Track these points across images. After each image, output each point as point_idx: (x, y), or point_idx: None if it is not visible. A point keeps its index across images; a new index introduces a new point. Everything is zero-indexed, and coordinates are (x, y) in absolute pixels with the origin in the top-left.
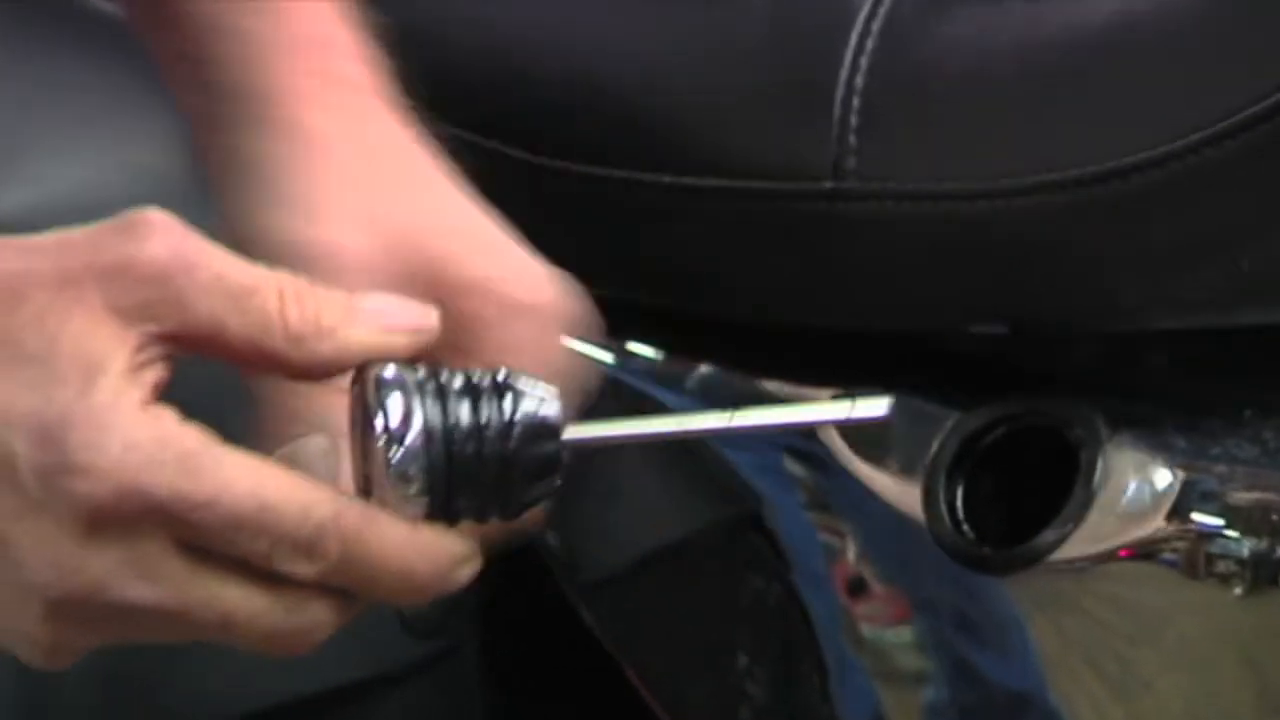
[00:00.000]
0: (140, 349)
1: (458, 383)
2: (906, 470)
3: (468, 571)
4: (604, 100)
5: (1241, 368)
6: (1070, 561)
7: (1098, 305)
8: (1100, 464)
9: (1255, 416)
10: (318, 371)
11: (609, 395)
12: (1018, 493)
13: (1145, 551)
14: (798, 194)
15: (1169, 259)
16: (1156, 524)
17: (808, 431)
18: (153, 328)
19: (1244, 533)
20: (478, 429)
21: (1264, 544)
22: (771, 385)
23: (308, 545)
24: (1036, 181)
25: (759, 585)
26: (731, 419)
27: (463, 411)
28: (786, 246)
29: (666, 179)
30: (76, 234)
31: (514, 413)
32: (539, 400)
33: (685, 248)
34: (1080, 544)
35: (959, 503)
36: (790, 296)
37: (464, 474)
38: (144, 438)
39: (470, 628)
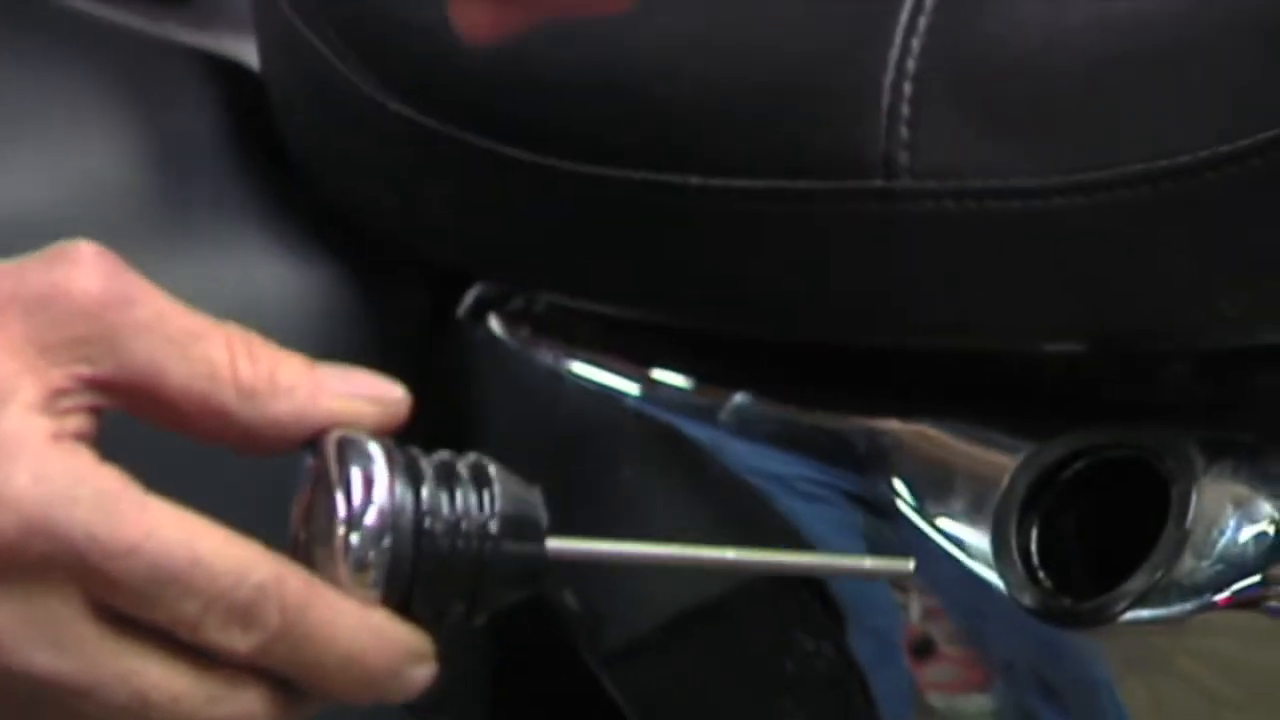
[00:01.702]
0: (62, 392)
1: (431, 464)
2: (973, 512)
3: (424, 673)
4: (619, 93)
5: None
6: (1162, 614)
7: (1193, 317)
8: (1195, 500)
9: None
10: (269, 435)
11: (632, 430)
12: (1101, 536)
13: (1249, 600)
14: (843, 194)
15: (1272, 264)
16: (1261, 567)
17: (862, 471)
18: (83, 370)
19: None
20: (454, 520)
21: None
22: (814, 415)
23: (244, 611)
24: (1121, 173)
25: (809, 648)
26: (736, 556)
27: (438, 497)
28: (832, 255)
29: (694, 180)
30: (3, 266)
31: (495, 507)
32: (524, 498)
33: (716, 258)
34: (1173, 593)
35: (1033, 548)
36: (836, 313)
37: (431, 569)
38: (56, 471)
39: (478, 705)
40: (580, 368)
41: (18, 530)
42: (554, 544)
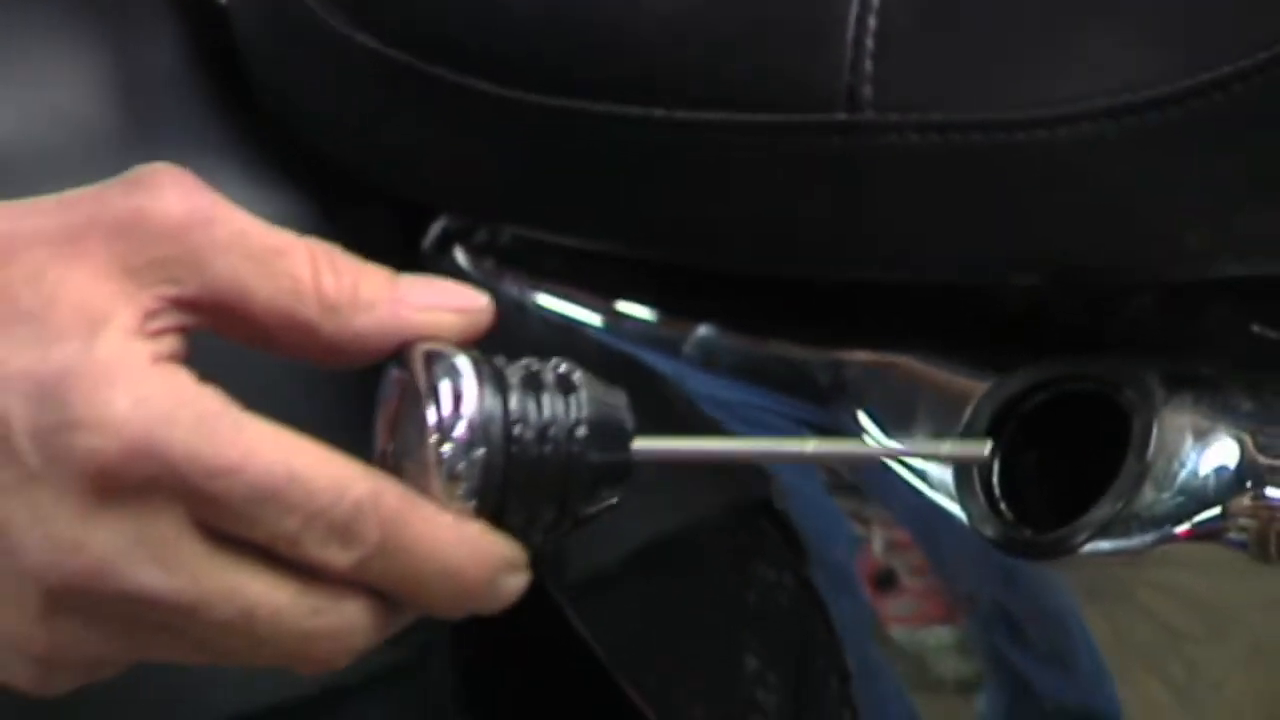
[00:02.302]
0: (153, 314)
1: (517, 372)
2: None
3: (518, 582)
4: (582, 24)
5: None
6: (1123, 545)
7: (1156, 250)
8: (1155, 431)
9: None
10: (353, 349)
11: (596, 361)
12: (1064, 468)
13: (1209, 532)
14: (807, 127)
15: (1240, 194)
16: (1221, 499)
17: (826, 404)
18: (169, 290)
19: None
20: (542, 426)
21: None
22: (779, 347)
23: (343, 526)
24: (1085, 108)
25: (770, 579)
26: (815, 447)
27: (525, 405)
28: (795, 188)
29: (658, 113)
30: (80, 191)
31: (581, 412)
32: (609, 402)
33: (680, 191)
34: (1134, 525)
35: (995, 480)
36: (800, 245)
37: (522, 477)
38: (157, 392)
39: (441, 633)
40: (545, 299)
41: (121, 453)
42: (639, 445)
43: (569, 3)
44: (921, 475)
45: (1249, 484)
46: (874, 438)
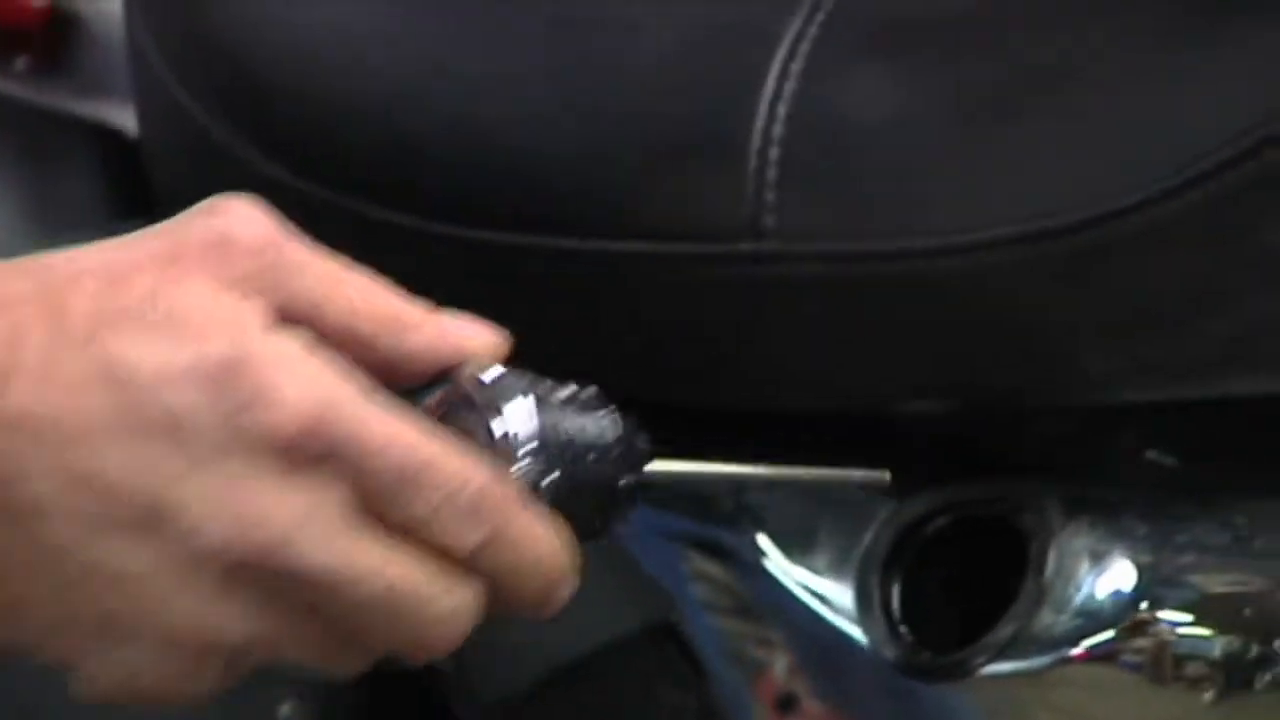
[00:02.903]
0: (269, 315)
1: (560, 394)
2: (837, 567)
3: (570, 589)
4: (493, 154)
5: (1212, 445)
6: (1021, 667)
7: (1058, 376)
8: (1053, 554)
9: (1227, 499)
10: (406, 367)
11: None
12: (964, 592)
13: (1105, 654)
14: (714, 257)
15: (1139, 322)
16: (1117, 621)
17: (730, 526)
18: (266, 300)
19: (1216, 630)
20: (588, 445)
21: (1237, 642)
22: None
23: (469, 510)
24: (984, 237)
25: (674, 702)
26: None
27: (573, 425)
28: (706, 316)
29: (567, 244)
30: (161, 225)
31: (616, 432)
32: (634, 425)
33: (600, 320)
34: (1032, 646)
35: (895, 603)
36: (712, 373)
37: (572, 492)
38: (318, 375)
39: None
40: None
41: (300, 429)
42: (654, 466)
43: (480, 136)
44: (822, 599)
45: (1144, 607)
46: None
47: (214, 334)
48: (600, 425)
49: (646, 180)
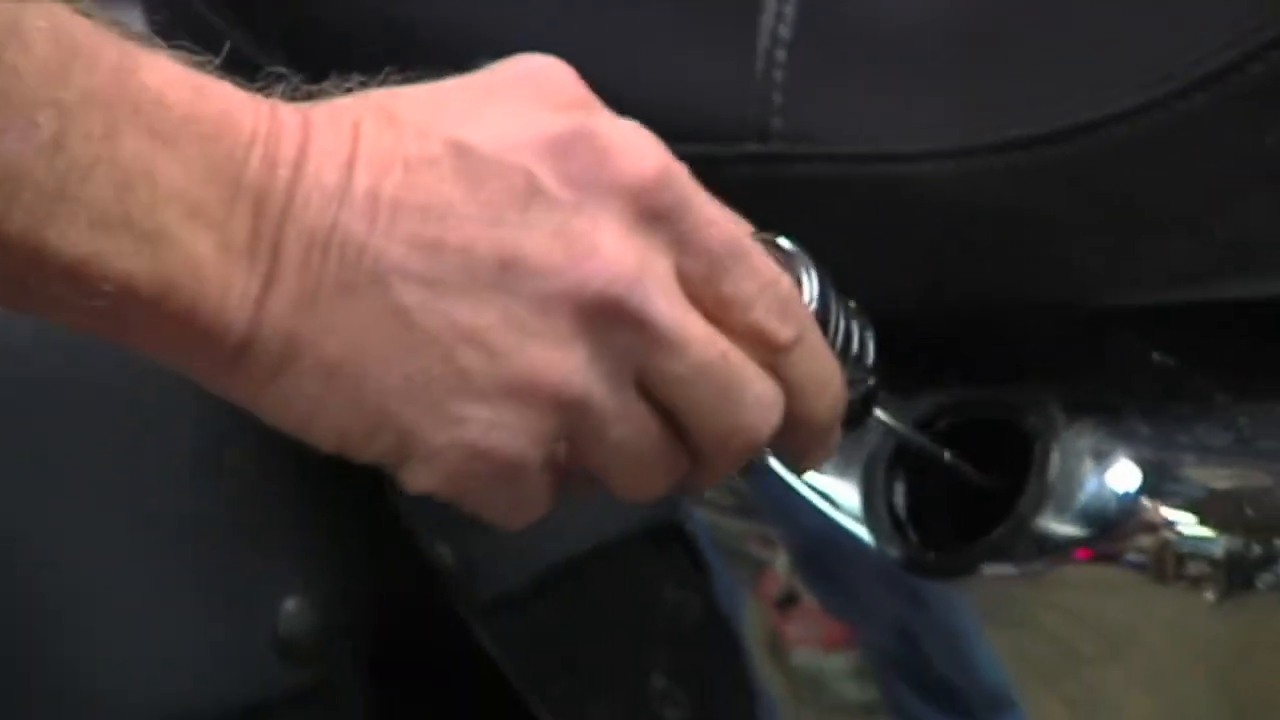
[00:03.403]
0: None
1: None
2: (842, 467)
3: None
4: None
5: (1213, 347)
6: (1024, 567)
7: (1057, 280)
8: (1056, 455)
9: (1228, 400)
10: None
11: None
12: (968, 492)
13: (1107, 553)
14: (721, 159)
15: (1136, 227)
16: (1120, 522)
17: None
18: None
19: (1218, 529)
20: (853, 342)
21: (1239, 542)
22: None
23: (784, 304)
24: (989, 141)
25: (678, 600)
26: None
27: (846, 318)
28: None
29: None
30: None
31: (873, 345)
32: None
33: None
34: (1034, 547)
35: (900, 503)
36: None
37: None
38: (660, 147)
39: (353, 653)
40: None
41: (656, 174)
42: None
43: (480, 38)
44: (827, 498)
45: (1146, 507)
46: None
47: (554, 114)
48: (864, 333)
49: (655, 79)
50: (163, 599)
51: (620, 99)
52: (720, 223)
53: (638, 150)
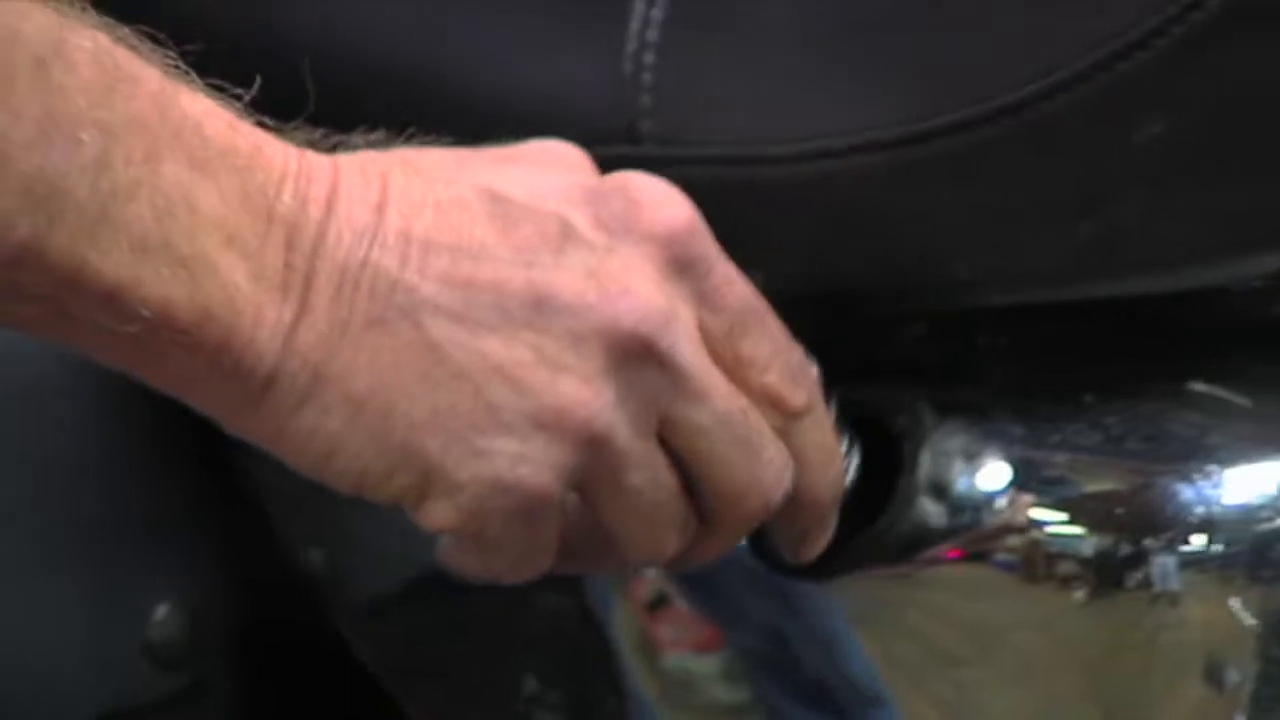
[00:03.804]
0: None
1: None
2: None
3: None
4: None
5: (1081, 347)
6: (894, 567)
7: (925, 280)
8: (925, 456)
9: (1097, 400)
10: None
11: None
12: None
13: (977, 553)
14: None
15: (1003, 226)
16: (990, 522)
17: None
18: None
19: (1087, 529)
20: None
21: (1109, 541)
22: None
23: (797, 370)
24: (857, 141)
25: (549, 602)
26: None
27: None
28: None
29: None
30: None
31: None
32: None
33: None
34: (905, 547)
35: None
36: None
37: None
38: (688, 203)
39: (225, 659)
40: None
41: (686, 225)
42: None
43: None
44: None
45: (1017, 507)
46: None
47: (583, 167)
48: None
49: (523, 83)
50: (32, 607)
51: (495, 103)
52: (740, 282)
53: (669, 201)
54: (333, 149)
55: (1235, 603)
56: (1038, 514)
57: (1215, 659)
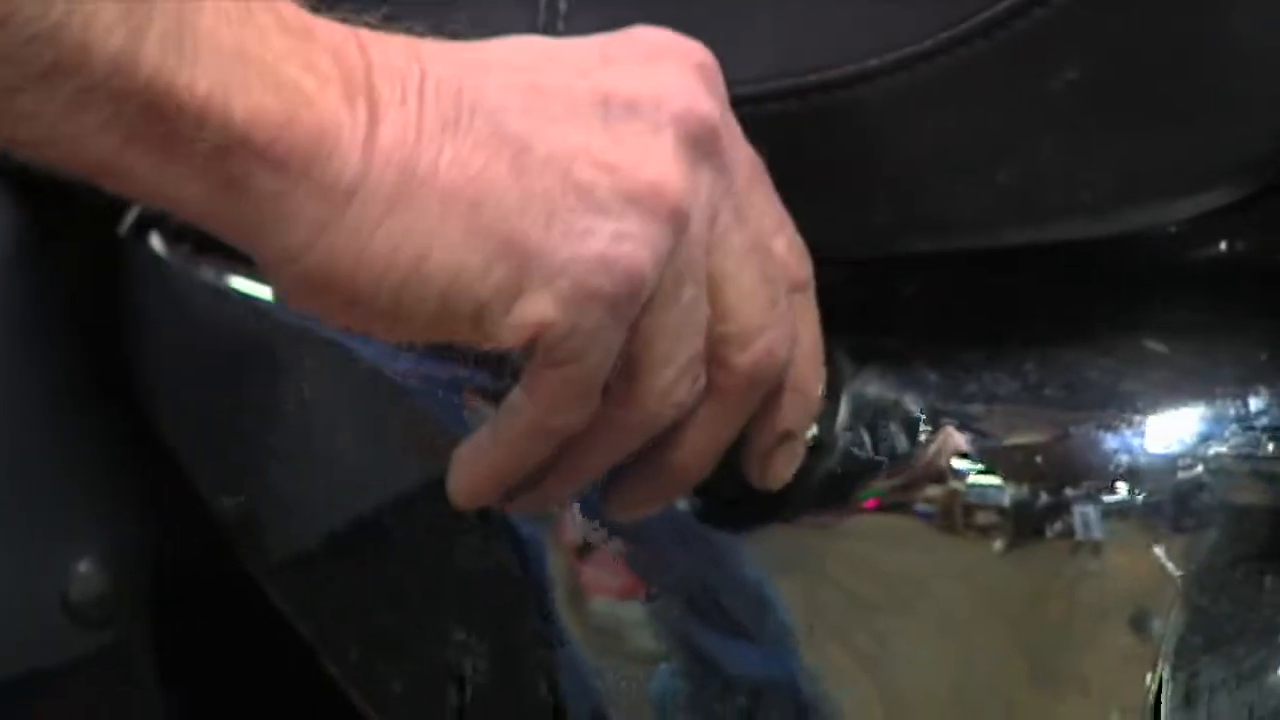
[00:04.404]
0: None
1: None
2: None
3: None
4: None
5: (1001, 295)
6: (814, 517)
7: (844, 228)
8: (844, 405)
9: (1016, 348)
10: None
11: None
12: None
13: (895, 503)
14: None
15: (921, 174)
16: (909, 471)
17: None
18: None
19: (1005, 478)
20: None
21: (1027, 490)
22: None
23: (799, 243)
24: (772, 88)
25: (473, 551)
26: None
27: None
28: None
29: None
30: None
31: None
32: None
33: None
34: (822, 497)
35: None
36: None
37: None
38: None
39: (144, 614)
40: (240, 282)
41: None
42: None
43: None
44: None
45: (935, 456)
46: None
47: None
48: None
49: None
50: None
51: None
52: (746, 145)
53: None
54: None
55: (1158, 551)
56: (956, 463)
57: (1139, 608)
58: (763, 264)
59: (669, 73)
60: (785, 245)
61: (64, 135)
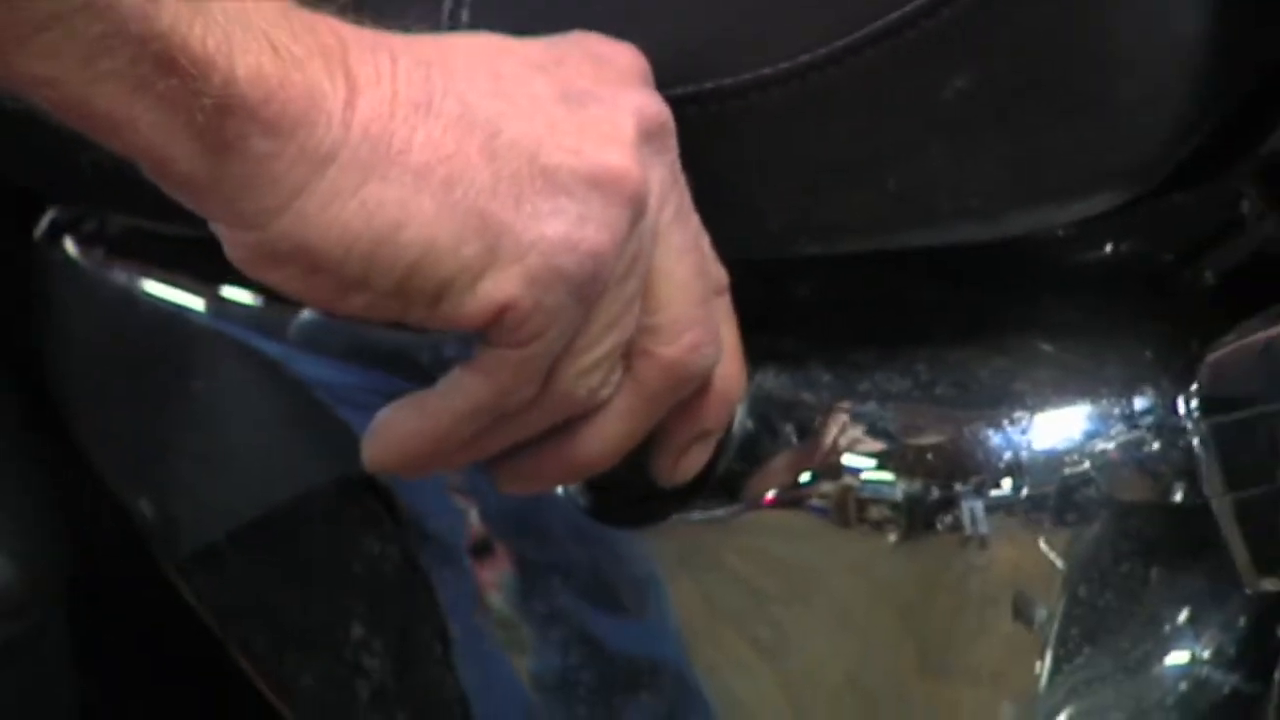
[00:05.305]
0: None
1: None
2: None
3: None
4: None
5: (894, 295)
6: (710, 513)
7: (740, 231)
8: (739, 404)
9: (908, 347)
10: None
11: (204, 345)
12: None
13: (791, 499)
14: None
15: (814, 179)
16: (803, 468)
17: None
18: None
19: (897, 474)
20: None
21: (919, 486)
22: (379, 330)
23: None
24: (669, 95)
25: (375, 551)
26: None
27: None
28: None
29: None
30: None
31: None
32: None
33: None
34: (719, 494)
35: None
36: None
37: None
38: None
39: (59, 607)
40: (153, 287)
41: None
42: None
43: None
44: None
45: (829, 453)
46: None
47: None
48: None
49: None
50: None
51: None
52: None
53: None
54: None
55: (1043, 544)
56: (849, 460)
57: (1025, 599)
58: (698, 262)
59: (619, 71)
60: (708, 248)
61: (76, 79)
